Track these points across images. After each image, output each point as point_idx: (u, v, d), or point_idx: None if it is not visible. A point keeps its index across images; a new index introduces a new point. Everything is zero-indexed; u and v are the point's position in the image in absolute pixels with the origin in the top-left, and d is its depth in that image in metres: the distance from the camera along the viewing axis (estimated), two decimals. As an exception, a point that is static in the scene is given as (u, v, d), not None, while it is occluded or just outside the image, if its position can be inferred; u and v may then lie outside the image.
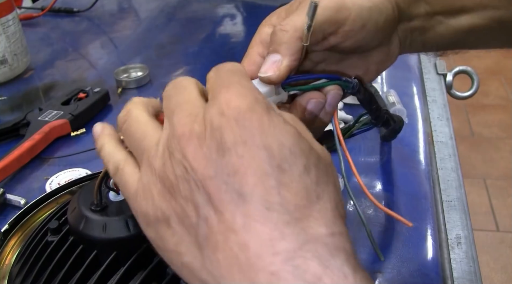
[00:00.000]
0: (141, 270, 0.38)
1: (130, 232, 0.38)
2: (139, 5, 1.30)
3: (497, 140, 2.28)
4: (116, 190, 0.40)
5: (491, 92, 2.61)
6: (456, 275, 0.50)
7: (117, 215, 0.38)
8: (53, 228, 0.41)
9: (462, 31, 0.43)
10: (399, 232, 0.52)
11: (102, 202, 0.39)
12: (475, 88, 0.84)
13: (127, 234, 0.38)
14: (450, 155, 0.67)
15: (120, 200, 0.40)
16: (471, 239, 0.54)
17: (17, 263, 0.43)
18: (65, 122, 0.72)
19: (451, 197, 0.59)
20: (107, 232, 0.38)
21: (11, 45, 0.89)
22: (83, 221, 0.38)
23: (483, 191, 2.00)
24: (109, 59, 0.99)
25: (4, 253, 0.45)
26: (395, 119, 0.55)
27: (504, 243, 1.78)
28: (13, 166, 0.64)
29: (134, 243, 0.38)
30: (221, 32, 1.12)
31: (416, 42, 0.44)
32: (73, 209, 0.40)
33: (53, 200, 0.51)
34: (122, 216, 0.38)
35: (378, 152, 0.61)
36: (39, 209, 0.50)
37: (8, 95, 0.87)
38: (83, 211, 0.39)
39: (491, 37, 0.45)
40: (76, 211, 0.39)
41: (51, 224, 0.41)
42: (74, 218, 0.39)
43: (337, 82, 0.40)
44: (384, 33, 0.41)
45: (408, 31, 0.43)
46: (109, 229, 0.38)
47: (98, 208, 0.39)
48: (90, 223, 0.38)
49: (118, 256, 0.38)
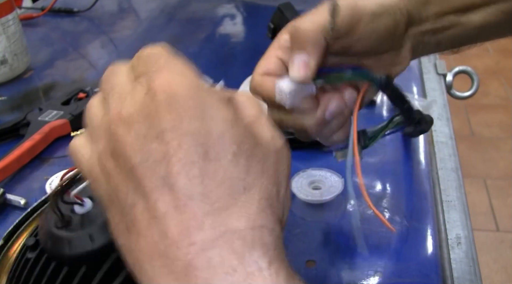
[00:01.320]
0: (115, 280, 0.37)
1: (95, 245, 0.37)
2: (139, 5, 1.30)
3: (497, 140, 2.28)
4: (79, 202, 0.38)
5: (491, 92, 2.60)
6: (456, 275, 0.50)
7: (81, 229, 0.37)
8: (30, 245, 0.40)
9: (474, 27, 0.43)
10: (399, 232, 0.52)
11: (63, 217, 0.38)
12: (475, 88, 0.84)
13: (92, 247, 0.37)
14: (450, 155, 0.67)
15: (85, 212, 0.38)
16: (471, 239, 0.54)
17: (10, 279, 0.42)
18: (65, 122, 0.72)
19: (451, 197, 0.59)
20: (72, 248, 0.37)
21: (11, 45, 0.89)
22: (50, 239, 0.37)
23: (483, 191, 2.00)
24: (109, 59, 0.99)
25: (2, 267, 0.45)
26: (427, 120, 0.55)
27: (504, 243, 1.78)
28: (13, 166, 0.64)
29: (101, 255, 0.37)
30: (221, 32, 1.12)
31: (429, 45, 0.44)
32: (42, 227, 0.39)
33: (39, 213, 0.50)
34: (86, 229, 0.37)
35: (378, 151, 0.61)
36: (40, 210, 0.50)
37: (8, 95, 0.87)
38: (49, 229, 0.38)
39: (504, 28, 0.45)
40: (44, 229, 0.38)
41: (28, 241, 0.40)
42: (43, 236, 0.38)
43: (365, 76, 0.41)
44: (394, 37, 0.41)
45: (419, 35, 0.43)
46: (74, 244, 0.37)
47: (62, 224, 0.38)
48: (55, 240, 0.37)
49: (88, 270, 0.37)
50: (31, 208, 0.51)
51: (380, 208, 0.56)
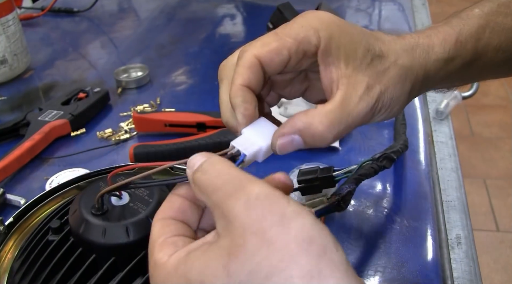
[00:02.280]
0: (139, 277, 0.38)
1: (129, 238, 0.38)
2: (139, 5, 1.30)
3: (497, 140, 2.28)
4: (118, 195, 0.39)
5: (491, 92, 2.60)
6: (456, 275, 0.50)
7: (118, 221, 0.38)
8: (55, 227, 0.41)
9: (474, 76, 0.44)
10: (399, 232, 0.52)
11: (103, 206, 0.39)
12: (475, 88, 0.84)
13: (127, 240, 0.38)
14: (450, 155, 0.67)
15: (122, 205, 0.40)
16: (471, 239, 0.54)
17: (18, 258, 0.43)
18: (65, 122, 0.72)
19: (451, 197, 0.59)
20: (106, 237, 0.37)
21: (11, 45, 0.89)
22: (83, 225, 0.38)
23: (483, 191, 2.00)
24: (109, 59, 0.99)
25: (7, 247, 0.45)
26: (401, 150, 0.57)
27: (504, 243, 1.78)
28: (13, 166, 0.64)
29: (133, 249, 0.38)
30: (221, 32, 1.12)
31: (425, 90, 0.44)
32: (74, 211, 0.40)
33: (56, 196, 0.51)
34: (123, 222, 0.38)
35: (378, 152, 0.61)
36: (42, 205, 0.50)
37: (8, 95, 0.87)
38: (83, 214, 0.38)
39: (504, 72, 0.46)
40: (76, 213, 0.39)
41: (52, 223, 0.41)
42: (75, 220, 0.39)
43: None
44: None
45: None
46: (109, 234, 0.38)
47: (99, 212, 0.38)
48: (90, 227, 0.38)
49: (116, 261, 0.38)
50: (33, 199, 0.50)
51: (380, 208, 0.56)
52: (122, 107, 0.80)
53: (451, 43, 0.40)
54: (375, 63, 0.38)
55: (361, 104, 0.37)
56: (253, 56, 0.37)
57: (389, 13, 1.12)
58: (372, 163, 0.51)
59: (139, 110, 0.79)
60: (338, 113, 0.36)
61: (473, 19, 0.41)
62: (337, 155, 0.65)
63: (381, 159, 0.52)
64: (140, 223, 0.38)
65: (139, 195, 0.41)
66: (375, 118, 0.39)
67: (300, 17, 0.38)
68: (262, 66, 0.37)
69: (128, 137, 0.72)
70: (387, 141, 0.67)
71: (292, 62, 0.38)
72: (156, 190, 0.42)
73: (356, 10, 1.15)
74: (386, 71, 0.38)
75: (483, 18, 0.41)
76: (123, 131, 0.73)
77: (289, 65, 0.38)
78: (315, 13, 0.39)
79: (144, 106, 0.80)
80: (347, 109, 0.36)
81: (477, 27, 0.40)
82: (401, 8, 1.13)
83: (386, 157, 0.52)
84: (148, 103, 0.80)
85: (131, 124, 0.74)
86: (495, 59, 0.42)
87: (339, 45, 0.37)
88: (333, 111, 0.36)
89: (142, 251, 0.38)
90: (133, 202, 0.40)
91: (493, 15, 0.41)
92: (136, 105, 0.80)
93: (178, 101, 0.81)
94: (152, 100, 0.81)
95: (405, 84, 0.39)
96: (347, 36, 0.38)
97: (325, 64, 0.38)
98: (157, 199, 0.41)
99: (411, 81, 0.39)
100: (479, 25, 0.41)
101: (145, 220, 0.39)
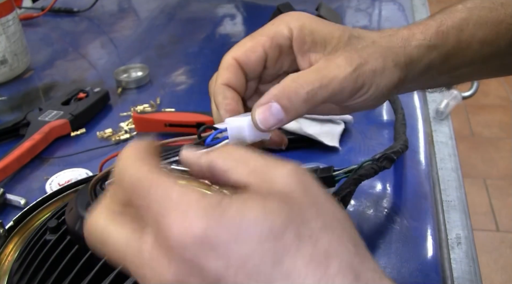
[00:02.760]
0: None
1: None
2: (139, 5, 1.30)
3: (497, 140, 2.29)
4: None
5: (491, 92, 2.60)
6: (456, 275, 0.50)
7: None
8: (52, 226, 0.41)
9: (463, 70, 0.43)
10: (399, 232, 0.52)
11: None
12: (475, 88, 0.84)
13: None
14: (450, 155, 0.67)
15: None
16: (471, 239, 0.54)
17: (17, 260, 0.43)
18: (65, 122, 0.72)
19: (451, 197, 0.59)
20: None
21: (11, 45, 0.89)
22: (79, 221, 0.38)
23: (483, 191, 2.00)
24: (109, 59, 0.99)
25: (7, 250, 0.46)
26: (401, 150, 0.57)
27: (504, 243, 1.78)
28: (13, 166, 0.64)
29: None
30: (221, 32, 1.12)
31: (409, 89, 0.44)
32: (70, 209, 0.40)
33: (57, 199, 0.51)
34: None
35: (378, 151, 0.61)
36: (43, 207, 0.50)
37: (8, 95, 0.87)
38: (79, 211, 0.39)
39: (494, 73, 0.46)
40: (73, 211, 0.39)
41: (50, 223, 0.41)
42: (71, 218, 0.39)
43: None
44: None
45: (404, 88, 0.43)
46: None
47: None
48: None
49: None
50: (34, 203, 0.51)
51: (380, 208, 0.56)
52: (122, 107, 0.80)
53: (432, 32, 0.40)
54: (353, 41, 0.38)
55: (339, 70, 0.36)
56: (231, 58, 0.38)
57: (389, 13, 1.12)
58: (372, 163, 0.51)
59: (139, 110, 0.79)
60: (313, 74, 0.36)
61: (456, 13, 0.41)
62: (337, 155, 0.65)
63: (381, 159, 0.52)
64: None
65: None
66: (362, 94, 0.38)
67: (274, 19, 0.40)
68: (240, 66, 0.38)
69: (128, 137, 0.72)
70: (387, 141, 0.67)
71: (270, 61, 0.39)
72: None
73: (356, 10, 1.15)
74: (365, 48, 0.38)
75: (466, 12, 0.41)
76: (123, 131, 0.73)
77: (268, 64, 0.39)
78: (288, 13, 0.40)
79: (144, 106, 0.80)
80: (323, 72, 0.36)
81: (459, 19, 0.41)
82: (401, 8, 1.13)
83: (386, 157, 0.52)
84: (148, 103, 0.80)
85: (131, 124, 0.74)
86: (481, 52, 0.41)
87: (312, 30, 0.38)
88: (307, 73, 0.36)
89: None
90: None
91: (477, 9, 0.41)
92: (136, 105, 0.80)
93: (178, 101, 0.81)
94: (152, 100, 0.81)
95: (387, 60, 0.38)
96: (319, 23, 0.39)
97: (302, 52, 0.38)
98: None
99: (393, 60, 0.39)
100: (461, 18, 0.41)
101: None
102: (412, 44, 0.39)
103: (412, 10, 1.12)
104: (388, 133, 0.69)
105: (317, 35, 0.37)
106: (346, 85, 0.37)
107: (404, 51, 0.39)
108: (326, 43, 0.38)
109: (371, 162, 0.51)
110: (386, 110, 0.73)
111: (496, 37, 0.41)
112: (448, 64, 0.41)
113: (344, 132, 0.68)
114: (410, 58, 0.40)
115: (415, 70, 0.40)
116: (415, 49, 0.40)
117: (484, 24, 0.41)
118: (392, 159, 0.53)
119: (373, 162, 0.51)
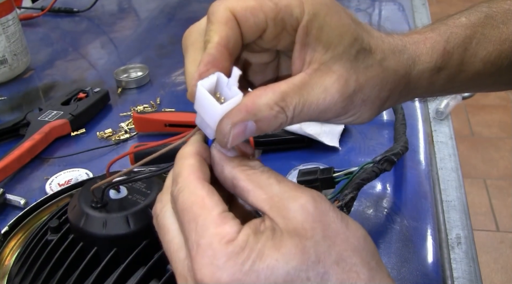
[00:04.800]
0: (141, 267, 0.38)
1: (130, 228, 0.38)
2: (139, 5, 1.30)
3: (497, 140, 2.28)
4: (117, 188, 0.40)
5: (491, 92, 2.60)
6: (456, 275, 0.50)
7: (118, 212, 0.38)
8: (53, 226, 0.41)
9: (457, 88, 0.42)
10: (399, 232, 0.52)
11: (103, 198, 0.39)
12: (475, 88, 0.84)
13: (128, 230, 0.38)
14: (450, 155, 0.67)
15: (120, 198, 0.40)
16: (471, 239, 0.54)
17: (16, 262, 0.43)
18: (65, 122, 0.72)
19: (451, 197, 0.59)
20: (107, 228, 0.38)
21: (11, 45, 0.89)
22: (83, 218, 0.38)
23: (483, 191, 2.00)
24: (109, 59, 0.99)
25: (4, 254, 0.46)
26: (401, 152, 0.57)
27: (504, 243, 1.78)
28: (13, 166, 0.64)
29: (134, 240, 0.38)
30: (221, 32, 1.11)
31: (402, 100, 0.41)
32: (74, 207, 0.40)
33: (54, 202, 0.51)
34: (123, 212, 0.38)
35: (378, 151, 0.61)
36: (40, 210, 0.50)
37: (8, 95, 0.87)
38: (83, 208, 0.39)
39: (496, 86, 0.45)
40: (76, 208, 0.39)
41: (51, 223, 0.41)
42: (75, 215, 0.39)
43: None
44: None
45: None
46: (109, 225, 0.38)
47: (99, 205, 0.39)
48: (90, 219, 0.38)
49: (118, 252, 0.38)
50: (31, 206, 0.51)
51: (380, 208, 0.56)
52: (122, 107, 0.80)
53: (439, 52, 0.38)
54: (360, 57, 0.33)
55: (325, 95, 0.31)
56: (228, 10, 0.32)
57: (389, 13, 1.12)
58: (373, 165, 0.51)
59: (139, 110, 0.79)
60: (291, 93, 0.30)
61: (460, 27, 0.39)
62: (337, 155, 0.65)
63: (382, 162, 0.52)
64: (140, 213, 0.39)
65: (136, 188, 0.41)
66: (339, 120, 0.34)
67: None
68: (239, 24, 0.31)
69: (128, 137, 0.72)
70: (387, 141, 0.67)
71: (268, 35, 0.32)
72: (153, 183, 0.42)
73: (356, 10, 1.15)
74: (368, 69, 0.33)
75: (470, 29, 0.39)
76: (123, 131, 0.73)
77: (265, 38, 0.32)
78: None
79: (144, 106, 0.80)
80: (305, 93, 0.31)
81: (464, 37, 0.39)
82: (401, 8, 1.13)
83: (387, 159, 0.52)
84: (148, 103, 0.80)
85: (131, 124, 0.74)
86: (483, 71, 0.40)
87: (322, 25, 0.32)
88: (286, 91, 0.30)
89: (143, 241, 0.38)
90: (132, 194, 0.40)
91: (480, 26, 0.40)
92: (136, 105, 0.80)
93: (178, 101, 0.81)
94: (152, 100, 0.81)
95: (384, 88, 0.35)
96: (334, 18, 0.32)
97: (301, 43, 0.32)
98: (156, 190, 0.41)
99: (391, 89, 0.35)
100: (466, 35, 0.39)
101: (145, 210, 0.39)
102: (417, 68, 0.37)
103: (412, 10, 1.12)
104: (388, 133, 0.69)
105: (325, 34, 0.32)
106: (329, 111, 0.32)
107: (407, 80, 0.37)
108: (330, 47, 0.32)
109: (371, 164, 0.51)
110: (386, 110, 0.73)
111: (499, 56, 0.40)
112: (449, 83, 0.40)
113: (344, 132, 0.68)
114: (409, 86, 0.38)
115: (409, 95, 0.39)
116: (418, 74, 0.38)
117: (487, 43, 0.40)
118: (393, 161, 0.53)
119: (374, 164, 0.51)
